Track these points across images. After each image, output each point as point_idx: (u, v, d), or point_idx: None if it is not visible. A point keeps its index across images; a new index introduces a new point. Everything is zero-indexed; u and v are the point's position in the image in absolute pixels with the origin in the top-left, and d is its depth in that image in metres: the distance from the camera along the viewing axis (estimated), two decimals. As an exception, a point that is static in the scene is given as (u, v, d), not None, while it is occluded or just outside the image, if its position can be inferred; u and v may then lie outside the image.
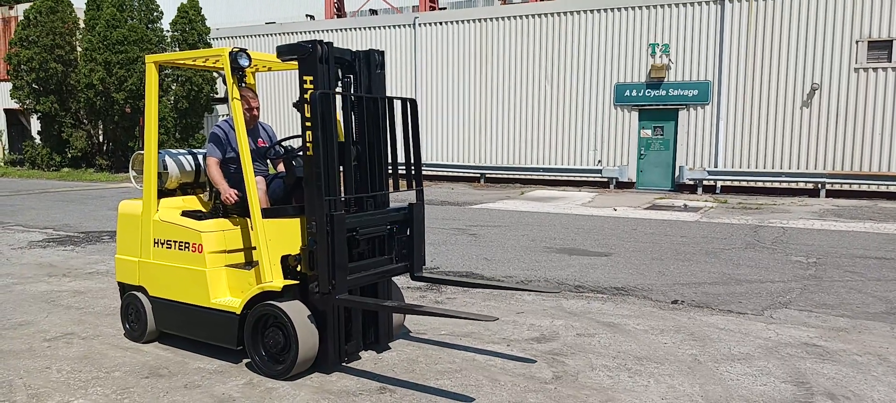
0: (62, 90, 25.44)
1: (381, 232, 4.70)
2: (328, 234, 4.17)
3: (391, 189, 4.88)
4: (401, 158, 4.83)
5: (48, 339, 5.33)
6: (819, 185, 16.98)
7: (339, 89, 4.59)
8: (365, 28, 23.02)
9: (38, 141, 27.75)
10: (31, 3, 25.81)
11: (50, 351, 5.03)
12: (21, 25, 25.22)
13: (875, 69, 16.41)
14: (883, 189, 16.56)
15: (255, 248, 4.59)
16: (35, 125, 28.24)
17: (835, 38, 16.71)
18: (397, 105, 4.74)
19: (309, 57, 4.30)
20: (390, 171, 4.86)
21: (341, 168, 4.47)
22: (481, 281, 7.41)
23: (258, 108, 5.07)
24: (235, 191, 4.89)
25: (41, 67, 24.55)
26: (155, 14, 25.09)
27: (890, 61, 16.24)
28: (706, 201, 16.15)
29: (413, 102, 4.77)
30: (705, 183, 18.05)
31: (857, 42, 16.52)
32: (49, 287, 7.20)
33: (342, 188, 4.49)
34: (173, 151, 5.39)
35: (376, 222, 4.64)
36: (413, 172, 4.80)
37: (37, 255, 9.10)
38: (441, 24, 21.72)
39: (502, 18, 20.73)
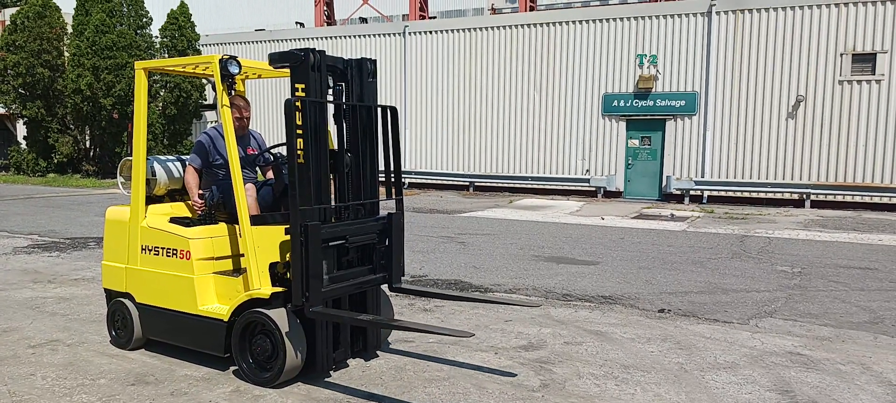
0: (49, 95, 25.26)
1: (364, 242, 4.64)
2: (302, 244, 4.11)
3: (370, 198, 4.86)
4: (382, 167, 4.82)
5: (33, 346, 5.28)
6: (804, 196, 17.16)
7: (329, 97, 4.59)
8: (355, 36, 23.05)
9: (23, 146, 27.50)
10: (19, 8, 25.65)
11: (35, 358, 4.98)
12: (8, 30, 25.05)
13: (859, 81, 16.64)
14: (867, 200, 16.77)
15: (243, 255, 4.58)
16: (21, 130, 28.00)
17: (820, 51, 16.94)
18: (378, 112, 4.75)
19: (301, 65, 4.31)
20: (374, 180, 4.83)
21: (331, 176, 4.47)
22: (469, 293, 7.42)
23: (249, 116, 5.07)
24: (202, 204, 4.91)
25: (28, 72, 24.37)
26: (144, 20, 25.01)
27: (874, 74, 16.48)
28: (693, 211, 16.27)
29: (393, 110, 4.75)
30: (692, 193, 18.19)
31: (841, 55, 16.74)
32: (34, 293, 7.13)
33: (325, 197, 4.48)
34: (162, 157, 5.37)
35: (356, 232, 4.56)
36: (393, 181, 4.78)
37: (22, 261, 9.02)
38: (431, 32, 21.79)
39: (492, 28, 20.84)
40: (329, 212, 4.49)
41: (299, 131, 4.13)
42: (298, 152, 4.13)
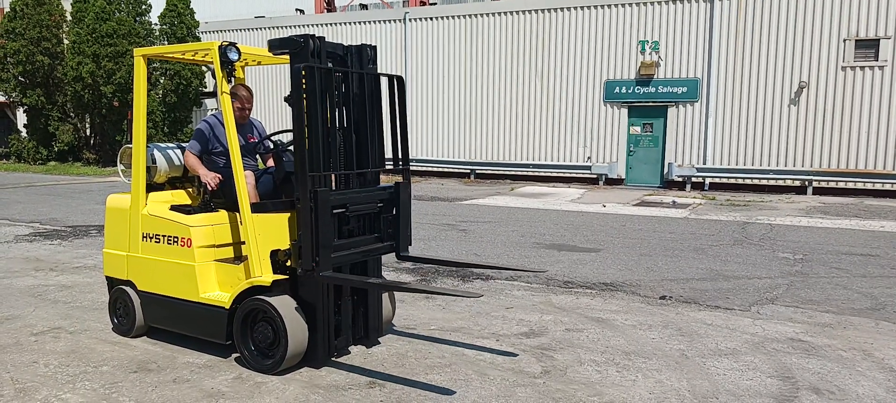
0: (49, 83, 25.20)
1: (369, 210, 4.69)
2: (311, 210, 4.16)
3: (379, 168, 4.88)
4: (388, 139, 4.83)
5: (35, 333, 5.29)
6: (806, 183, 17.12)
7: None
8: (355, 23, 22.95)
9: (24, 134, 27.47)
10: (18, -5, 25.54)
11: (37, 346, 4.99)
12: (7, 17, 24.96)
13: (862, 68, 16.55)
14: (869, 186, 16.73)
15: (244, 243, 4.58)
16: (21, 118, 27.96)
17: (823, 37, 16.84)
18: (384, 82, 4.74)
19: (300, 51, 4.29)
20: (379, 151, 4.84)
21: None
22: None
23: (250, 103, 5.04)
24: (216, 175, 4.87)
25: (28, 60, 24.30)
26: (143, 7, 24.88)
27: (877, 60, 16.39)
28: (695, 198, 16.24)
29: (400, 79, 4.77)
30: (694, 179, 18.16)
31: (844, 41, 16.65)
32: (36, 281, 7.14)
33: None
34: (162, 145, 5.36)
35: (363, 200, 4.62)
36: (400, 151, 4.79)
37: (23, 249, 9.03)
38: (431, 19, 21.69)
39: (492, 14, 20.73)
40: (323, 180, 4.49)
41: (309, 99, 4.15)
42: (306, 119, 4.14)
